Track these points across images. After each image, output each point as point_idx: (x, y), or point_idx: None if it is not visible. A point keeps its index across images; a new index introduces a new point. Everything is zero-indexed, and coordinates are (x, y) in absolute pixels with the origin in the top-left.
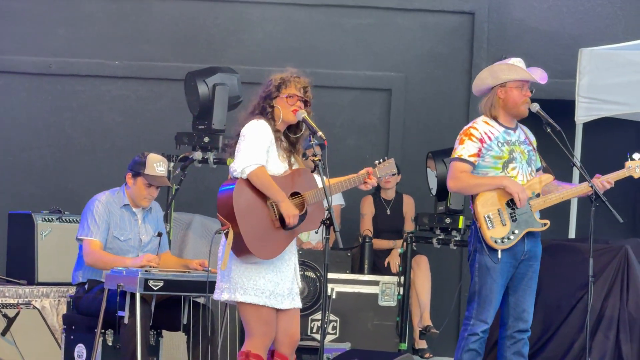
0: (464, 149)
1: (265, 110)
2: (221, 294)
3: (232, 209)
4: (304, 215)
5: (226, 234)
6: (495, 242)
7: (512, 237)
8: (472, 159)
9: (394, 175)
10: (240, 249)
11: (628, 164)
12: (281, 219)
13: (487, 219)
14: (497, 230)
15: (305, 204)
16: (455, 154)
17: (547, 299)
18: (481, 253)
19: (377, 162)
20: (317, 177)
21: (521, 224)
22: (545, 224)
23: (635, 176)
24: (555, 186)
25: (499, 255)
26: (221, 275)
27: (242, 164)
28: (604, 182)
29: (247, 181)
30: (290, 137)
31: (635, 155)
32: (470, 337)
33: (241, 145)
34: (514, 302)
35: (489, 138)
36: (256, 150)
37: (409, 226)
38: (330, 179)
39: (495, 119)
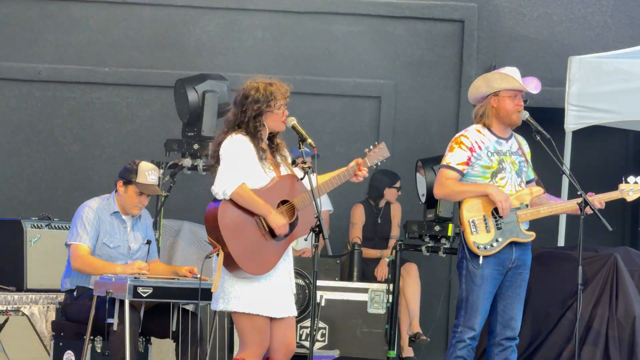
0: (453, 156)
1: (257, 130)
2: (217, 304)
3: (220, 232)
4: (295, 221)
5: (218, 255)
6: (478, 247)
7: (495, 244)
8: (460, 167)
9: (388, 179)
10: (232, 268)
11: (622, 186)
12: (271, 231)
13: (471, 224)
14: (481, 236)
15: (295, 211)
16: (444, 161)
17: (536, 306)
18: (468, 260)
19: (367, 149)
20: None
21: (506, 233)
22: (531, 236)
23: (628, 199)
24: (545, 200)
25: (480, 262)
26: None
27: (221, 186)
28: (595, 202)
29: (231, 200)
30: (274, 143)
31: (630, 179)
32: (458, 344)
33: (220, 167)
34: (502, 309)
35: (479, 147)
36: (234, 170)
37: (395, 231)
38: (319, 175)
39: (488, 127)
